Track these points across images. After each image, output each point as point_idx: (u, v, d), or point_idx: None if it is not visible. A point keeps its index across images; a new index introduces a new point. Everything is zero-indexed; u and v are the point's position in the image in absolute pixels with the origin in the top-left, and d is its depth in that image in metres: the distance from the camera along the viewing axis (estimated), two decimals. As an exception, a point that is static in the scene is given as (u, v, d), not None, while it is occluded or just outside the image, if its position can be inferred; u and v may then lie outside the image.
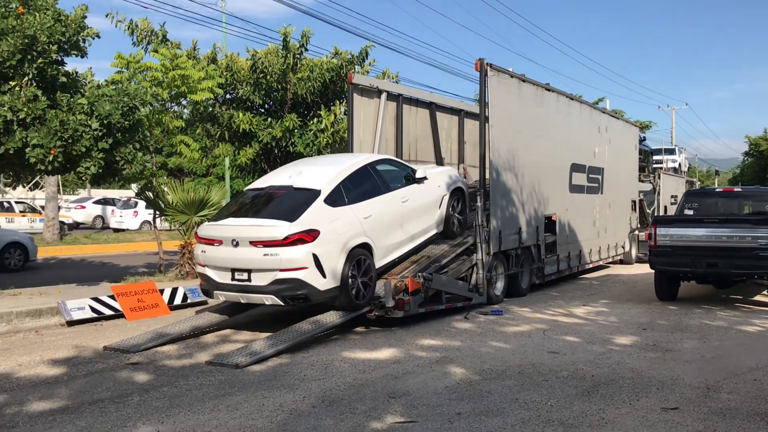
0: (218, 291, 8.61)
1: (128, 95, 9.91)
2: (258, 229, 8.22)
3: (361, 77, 13.45)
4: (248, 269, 8.23)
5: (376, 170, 9.69)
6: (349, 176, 9.14)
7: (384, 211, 9.30)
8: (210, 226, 8.82)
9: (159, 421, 5.27)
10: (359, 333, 8.91)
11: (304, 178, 9.02)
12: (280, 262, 7.99)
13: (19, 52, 8.94)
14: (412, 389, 6.16)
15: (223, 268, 8.48)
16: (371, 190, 9.34)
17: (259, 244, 8.08)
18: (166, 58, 13.68)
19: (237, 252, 8.27)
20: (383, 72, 18.39)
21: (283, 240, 7.96)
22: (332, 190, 8.70)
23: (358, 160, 9.72)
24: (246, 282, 8.26)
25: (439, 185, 10.73)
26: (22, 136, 8.89)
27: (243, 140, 17.39)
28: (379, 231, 9.08)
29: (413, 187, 10.09)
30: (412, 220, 9.90)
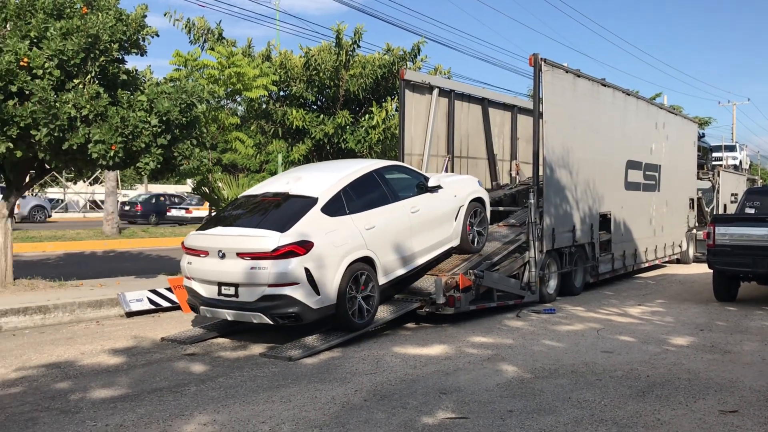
0: (204, 306, 7.81)
1: (186, 92, 10.13)
2: (245, 240, 7.50)
3: (413, 73, 13.46)
4: (235, 283, 7.46)
5: (383, 177, 8.95)
6: (352, 183, 8.42)
7: (390, 222, 8.52)
8: (196, 236, 8.06)
9: (215, 410, 5.39)
10: (410, 329, 8.93)
11: (301, 184, 8.37)
12: (268, 276, 7.22)
13: (83, 51, 9.22)
14: (463, 386, 6.16)
15: (209, 282, 7.71)
16: (376, 198, 8.59)
17: (247, 257, 7.33)
18: (222, 56, 13.95)
19: (223, 264, 7.53)
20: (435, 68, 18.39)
21: (271, 252, 7.19)
22: (331, 198, 7.99)
23: (363, 166, 9.01)
24: (233, 298, 7.49)
25: (456, 195, 9.91)
26: (85, 132, 9.17)
27: (296, 137, 17.61)
28: (383, 244, 8.32)
29: (425, 197, 9.30)
30: (423, 233, 9.07)
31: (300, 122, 16.78)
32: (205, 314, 7.95)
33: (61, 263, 15.72)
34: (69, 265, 15.12)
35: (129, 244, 21.48)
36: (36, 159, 10.00)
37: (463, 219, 9.95)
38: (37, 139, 8.97)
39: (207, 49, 15.30)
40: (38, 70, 8.95)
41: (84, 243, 20.25)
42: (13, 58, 8.78)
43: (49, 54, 9.02)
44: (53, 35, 9.13)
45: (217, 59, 14.07)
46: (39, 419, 5.17)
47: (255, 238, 7.42)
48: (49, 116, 8.81)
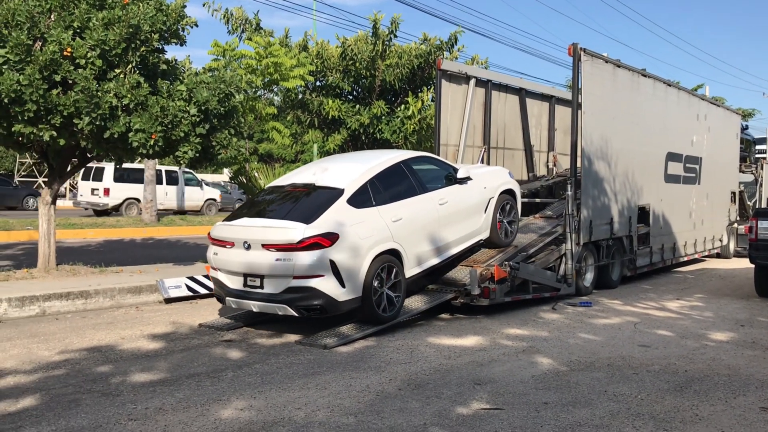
0: (230, 297, 7.85)
1: (224, 82, 10.22)
2: (270, 231, 7.47)
3: (450, 63, 13.39)
4: (261, 275, 7.48)
5: (411, 169, 8.82)
6: (379, 174, 8.32)
7: (417, 214, 8.40)
8: (222, 227, 8.08)
9: (252, 396, 5.47)
10: (444, 320, 8.93)
11: (328, 175, 8.30)
12: (293, 268, 7.22)
13: (124, 41, 9.35)
14: (497, 377, 6.15)
15: (235, 273, 7.75)
16: (404, 190, 8.48)
17: (272, 248, 7.33)
18: (260, 46, 14.04)
19: (249, 255, 7.53)
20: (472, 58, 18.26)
21: (297, 244, 7.19)
22: (357, 190, 7.91)
23: (391, 157, 8.91)
24: (258, 289, 7.52)
25: (485, 187, 9.71)
26: (126, 121, 9.32)
27: (332, 127, 17.66)
28: (410, 236, 8.20)
29: (454, 188, 9.15)
30: (451, 225, 8.93)
31: (336, 112, 16.82)
32: (231, 305, 7.98)
33: (102, 250, 16.04)
34: (109, 252, 15.42)
35: (167, 231, 21.81)
36: (78, 147, 10.20)
37: (493, 211, 9.78)
38: (79, 127, 9.14)
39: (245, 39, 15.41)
40: (81, 59, 9.11)
41: (123, 230, 20.62)
42: (56, 48, 8.95)
43: (91, 44, 9.17)
44: (95, 25, 9.28)
45: (255, 49, 14.17)
46: (81, 401, 5.30)
47: (280, 229, 7.38)
48: (92, 105, 8.97)
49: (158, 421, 4.86)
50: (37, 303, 8.71)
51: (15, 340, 7.31)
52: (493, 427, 4.85)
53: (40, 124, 9.09)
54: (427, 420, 4.96)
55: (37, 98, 8.73)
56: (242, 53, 14.26)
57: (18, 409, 5.09)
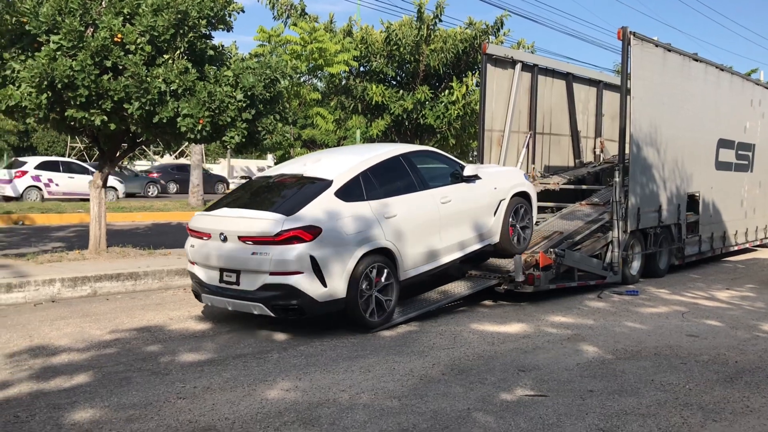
0: (205, 294, 7.31)
1: (270, 68, 10.29)
2: (247, 222, 6.94)
3: (496, 47, 13.24)
4: (237, 270, 6.92)
5: (411, 163, 8.17)
6: (374, 167, 7.70)
7: (415, 212, 7.72)
8: (200, 217, 7.56)
9: (297, 377, 5.54)
10: (488, 306, 8.90)
11: (318, 166, 7.78)
12: (269, 263, 6.64)
13: (173, 26, 9.48)
14: (542, 364, 6.11)
15: (212, 267, 7.17)
16: (402, 186, 7.85)
17: (248, 241, 6.80)
18: (305, 32, 14.12)
19: (225, 248, 6.98)
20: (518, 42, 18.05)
21: (274, 237, 6.62)
22: (348, 182, 7.30)
23: (390, 149, 8.35)
24: (234, 285, 6.95)
25: (496, 187, 8.95)
26: (174, 106, 9.46)
27: (375, 112, 17.69)
28: (405, 235, 7.52)
29: (459, 187, 8.47)
30: (455, 226, 8.24)
31: (379, 98, 16.83)
32: (207, 303, 7.50)
33: (150, 233, 16.38)
34: (157, 235, 15.73)
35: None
36: (128, 132, 10.41)
37: (504, 215, 8.99)
38: (129, 112, 9.32)
39: (290, 25, 15.52)
40: (131, 45, 9.27)
41: (171, 214, 21.01)
42: (107, 34, 9.12)
43: (141, 30, 9.32)
44: (145, 12, 9.42)
45: (300, 35, 14.27)
46: (132, 379, 5.45)
47: (258, 220, 6.87)
48: (141, 90, 9.13)
49: (206, 400, 4.96)
50: (88, 283, 8.95)
51: (68, 319, 7.53)
52: (538, 413, 4.83)
53: (91, 109, 9.30)
54: (471, 405, 4.97)
55: (89, 83, 8.93)
56: (287, 39, 14.39)
57: (72, 385, 5.25)
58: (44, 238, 14.12)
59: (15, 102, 9.07)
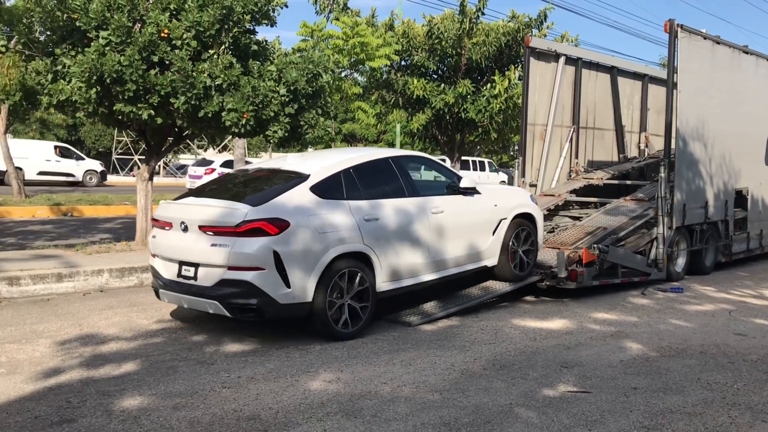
0: (162, 290, 6.78)
1: (312, 62, 10.36)
2: (209, 211, 6.42)
3: (539, 40, 13.13)
4: (196, 263, 6.35)
5: (401, 168, 7.58)
6: (359, 166, 7.15)
7: (400, 218, 7.08)
8: (165, 205, 7.05)
9: (339, 369, 5.60)
10: (529, 302, 8.84)
11: (300, 161, 7.34)
12: (228, 256, 6.08)
13: (218, 22, 9.61)
14: (584, 360, 6.06)
15: (172, 260, 6.63)
16: (388, 190, 7.27)
17: (209, 231, 6.26)
18: (347, 26, 14.16)
19: (185, 239, 6.46)
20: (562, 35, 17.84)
21: (235, 227, 6.07)
22: (326, 178, 6.77)
23: (379, 152, 7.92)
24: (192, 280, 6.39)
25: (497, 204, 8.25)
26: (219, 101, 9.59)
27: (416, 106, 17.67)
28: (386, 241, 6.90)
29: (454, 199, 7.80)
30: (445, 240, 7.53)
31: (421, 92, 16.80)
32: (164, 300, 6.94)
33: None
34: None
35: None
36: (174, 126, 10.59)
37: (504, 235, 8.29)
38: (175, 106, 9.48)
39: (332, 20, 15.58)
40: (177, 41, 9.42)
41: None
42: (154, 29, 9.29)
43: (186, 25, 9.46)
44: (191, 7, 9.56)
45: (342, 29, 14.33)
46: (178, 368, 5.56)
47: (220, 209, 6.36)
48: (187, 85, 9.28)
49: (250, 390, 5.05)
50: (135, 274, 9.15)
51: (116, 308, 7.72)
52: (581, 409, 4.80)
53: (139, 104, 9.48)
54: (513, 400, 4.96)
55: (136, 78, 9.10)
56: (330, 33, 14.45)
57: (121, 373, 5.39)
58: (92, 229, 14.48)
59: (66, 96, 9.31)
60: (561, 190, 12.26)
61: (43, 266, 8.76)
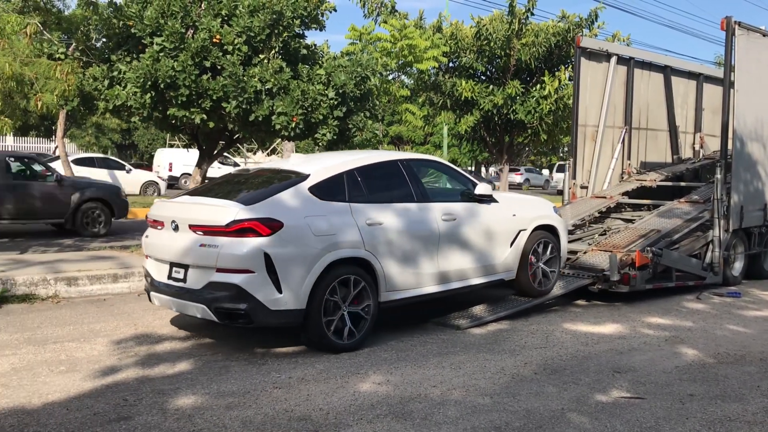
0: (153, 292, 6.49)
1: (361, 65, 10.43)
2: (200, 209, 6.14)
3: (590, 40, 12.94)
4: (186, 264, 6.05)
5: (411, 171, 7.10)
6: (364, 167, 6.73)
7: (406, 224, 6.61)
8: (159, 204, 6.78)
9: (388, 371, 5.60)
10: (581, 306, 8.71)
11: (302, 162, 7.03)
12: (217, 257, 5.74)
13: (268, 27, 9.76)
14: (638, 366, 5.94)
15: (163, 261, 6.35)
16: (396, 194, 6.85)
17: (198, 230, 5.94)
18: (395, 29, 14.20)
19: (176, 239, 6.15)
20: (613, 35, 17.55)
21: (225, 227, 5.73)
22: (328, 179, 6.38)
23: (388, 154, 7.61)
24: (181, 282, 6.08)
25: (515, 214, 7.73)
26: (269, 105, 9.74)
27: (464, 108, 17.59)
28: (390, 248, 6.44)
29: (468, 206, 7.31)
30: (456, 249, 7.05)
31: (469, 93, 16.73)
32: (155, 302, 6.57)
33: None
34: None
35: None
36: (225, 129, 10.79)
37: (523, 248, 7.79)
38: (227, 111, 9.65)
39: (380, 23, 15.64)
40: (228, 46, 9.60)
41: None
42: (207, 35, 9.48)
43: (238, 31, 9.63)
44: (242, 13, 9.73)
45: (390, 32, 14.37)
46: (230, 367, 5.65)
47: (212, 207, 6.06)
48: (238, 89, 9.44)
49: (301, 390, 5.09)
50: (188, 275, 9.31)
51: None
52: (635, 416, 4.70)
53: (192, 108, 9.68)
54: (565, 405, 4.89)
55: (189, 83, 9.30)
56: (378, 36, 14.51)
57: (175, 372, 5.50)
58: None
59: (122, 101, 9.58)
60: (613, 192, 12.04)
61: (99, 267, 9.00)
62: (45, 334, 6.56)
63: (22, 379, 5.24)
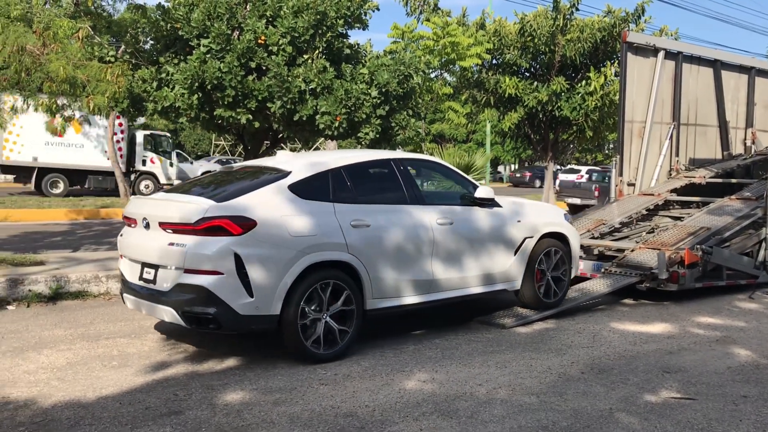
0: (125, 294, 6.17)
1: (404, 64, 10.46)
2: (171, 206, 5.78)
3: (636, 35, 12.71)
4: (156, 265, 5.71)
5: (404, 171, 6.67)
6: (351, 166, 6.34)
7: (396, 226, 6.23)
8: (134, 200, 6.46)
9: (433, 369, 5.61)
10: (628, 305, 8.58)
11: (287, 159, 6.59)
12: (184, 257, 5.39)
13: (312, 27, 9.85)
14: (688, 366, 5.83)
15: (134, 261, 6.02)
16: (386, 195, 6.48)
17: (168, 228, 5.61)
18: (438, 27, 14.16)
19: (147, 237, 5.84)
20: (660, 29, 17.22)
21: (193, 224, 5.39)
22: (310, 176, 5.99)
23: (380, 153, 7.24)
24: (151, 284, 5.75)
25: (520, 221, 7.25)
26: (313, 105, 9.83)
27: (508, 105, 17.45)
28: (377, 252, 6.03)
29: (467, 210, 6.91)
30: (453, 256, 6.62)
31: (513, 90, 16.59)
32: (128, 305, 6.21)
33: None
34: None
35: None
36: (270, 129, 10.92)
37: (529, 256, 7.32)
38: (272, 111, 9.78)
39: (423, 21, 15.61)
40: (273, 46, 9.71)
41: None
42: (252, 36, 9.61)
43: (282, 31, 9.74)
44: (286, 13, 9.84)
45: (433, 30, 14.34)
46: (277, 364, 5.71)
47: (182, 204, 5.73)
48: (283, 90, 9.55)
49: (347, 387, 5.13)
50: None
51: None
52: (686, 417, 4.62)
53: (238, 108, 9.83)
54: (613, 405, 4.83)
55: (235, 84, 9.45)
56: (420, 35, 14.49)
57: (223, 368, 5.59)
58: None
59: (170, 103, 9.77)
60: (661, 190, 11.82)
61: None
62: (98, 329, 6.74)
63: (77, 373, 5.40)
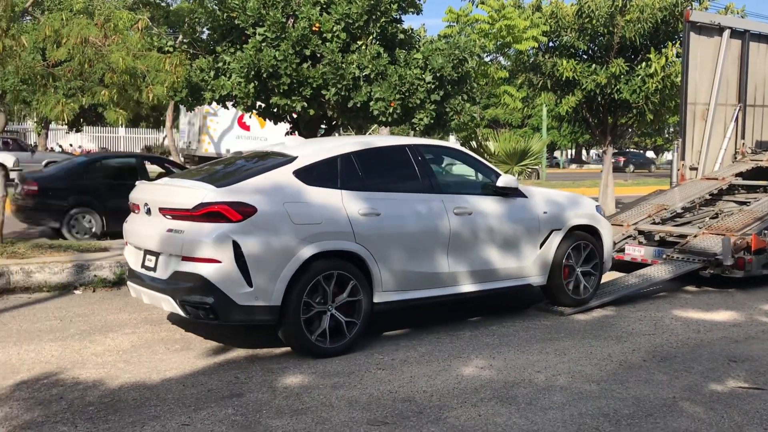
0: (129, 281, 6.09)
1: (458, 48, 10.33)
2: (172, 191, 5.67)
3: (700, 14, 12.29)
4: (156, 251, 5.58)
5: (420, 158, 6.34)
6: (362, 152, 6.05)
7: (409, 216, 5.95)
8: (139, 186, 6.25)
9: (491, 356, 5.57)
10: (690, 292, 8.36)
11: (296, 144, 6.48)
12: (182, 244, 5.25)
13: (366, 13, 9.81)
14: (756, 355, 5.65)
15: (138, 248, 5.90)
16: (400, 183, 6.18)
17: (168, 214, 5.46)
18: (493, 10, 13.97)
19: (147, 223, 5.71)
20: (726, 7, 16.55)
21: (191, 210, 5.23)
22: (317, 162, 5.76)
23: (396, 139, 6.92)
24: (152, 271, 5.62)
25: (546, 212, 6.86)
26: (367, 91, 9.80)
27: (565, 89, 17.09)
28: (387, 243, 5.75)
29: (487, 200, 6.53)
30: (471, 248, 6.29)
31: (570, 73, 16.22)
32: (131, 293, 6.12)
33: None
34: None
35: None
36: (325, 116, 10.96)
37: (555, 250, 6.91)
38: (326, 98, 9.80)
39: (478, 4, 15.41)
40: (327, 33, 9.72)
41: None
42: (306, 24, 9.63)
43: (336, 18, 9.73)
44: (340, 0, 9.83)
45: (488, 13, 14.15)
46: (334, 349, 5.75)
47: (183, 189, 5.60)
48: (337, 76, 9.56)
49: (404, 372, 5.14)
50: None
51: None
52: (754, 407, 4.47)
53: (293, 96, 9.89)
54: (677, 394, 4.71)
55: (290, 72, 9.50)
56: (475, 18, 14.32)
57: (282, 352, 5.66)
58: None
59: (227, 91, 9.90)
60: (725, 174, 11.43)
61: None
62: (160, 314, 6.90)
63: (141, 356, 5.55)
